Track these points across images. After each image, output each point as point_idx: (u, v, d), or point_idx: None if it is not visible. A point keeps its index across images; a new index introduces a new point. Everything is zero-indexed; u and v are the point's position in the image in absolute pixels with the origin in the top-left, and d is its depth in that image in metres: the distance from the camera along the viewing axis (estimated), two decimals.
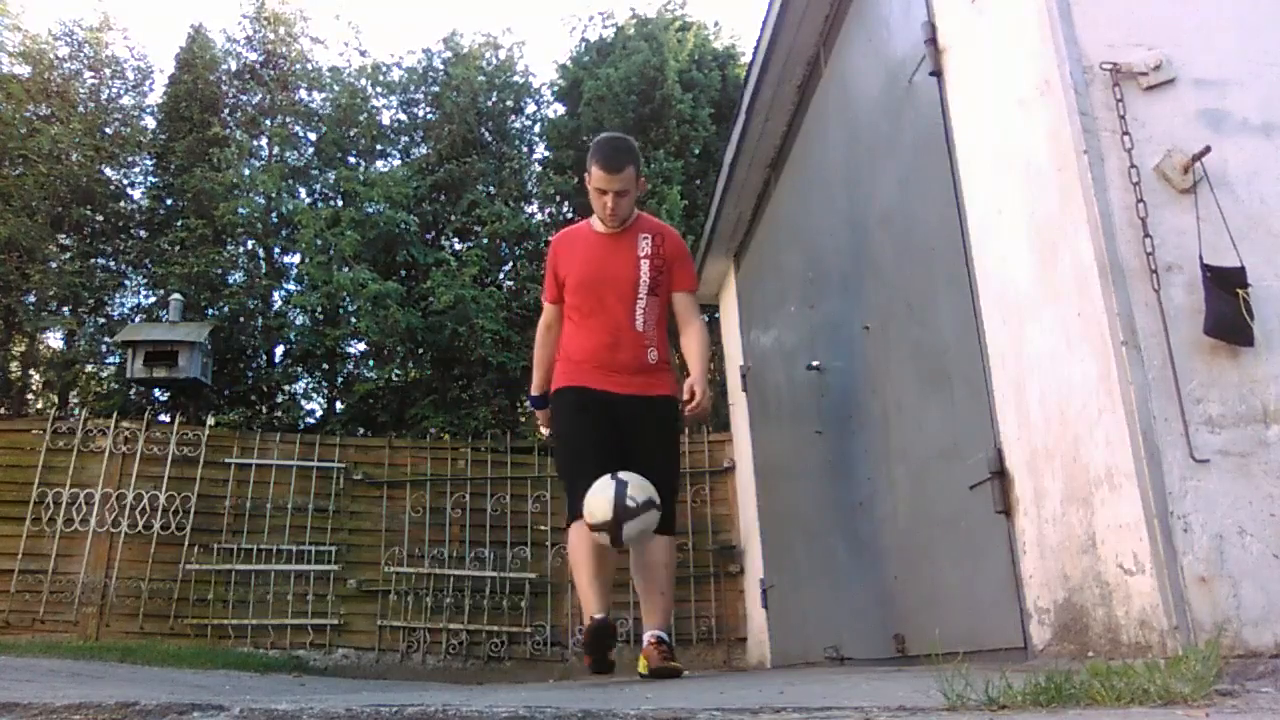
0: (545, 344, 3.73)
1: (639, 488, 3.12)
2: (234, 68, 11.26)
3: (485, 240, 10.23)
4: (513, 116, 11.60)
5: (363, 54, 15.32)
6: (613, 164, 3.45)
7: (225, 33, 12.09)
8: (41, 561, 6.13)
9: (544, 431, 3.80)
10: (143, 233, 10.76)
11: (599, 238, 3.59)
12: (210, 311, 9.71)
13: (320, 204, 10.71)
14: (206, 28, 11.30)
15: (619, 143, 3.57)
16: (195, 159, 10.18)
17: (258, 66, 11.19)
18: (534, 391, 3.78)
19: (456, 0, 21.99)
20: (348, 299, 9.59)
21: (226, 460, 6.54)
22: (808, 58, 4.34)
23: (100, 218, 10.64)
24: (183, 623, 6.14)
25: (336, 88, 11.13)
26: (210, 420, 6.89)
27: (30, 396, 10.94)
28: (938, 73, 2.83)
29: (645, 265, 3.50)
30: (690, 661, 6.26)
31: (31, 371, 11.00)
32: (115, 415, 6.76)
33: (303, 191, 10.96)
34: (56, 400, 10.33)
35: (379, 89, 11.45)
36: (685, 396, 3.42)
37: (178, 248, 9.99)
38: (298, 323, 10.26)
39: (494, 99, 11.22)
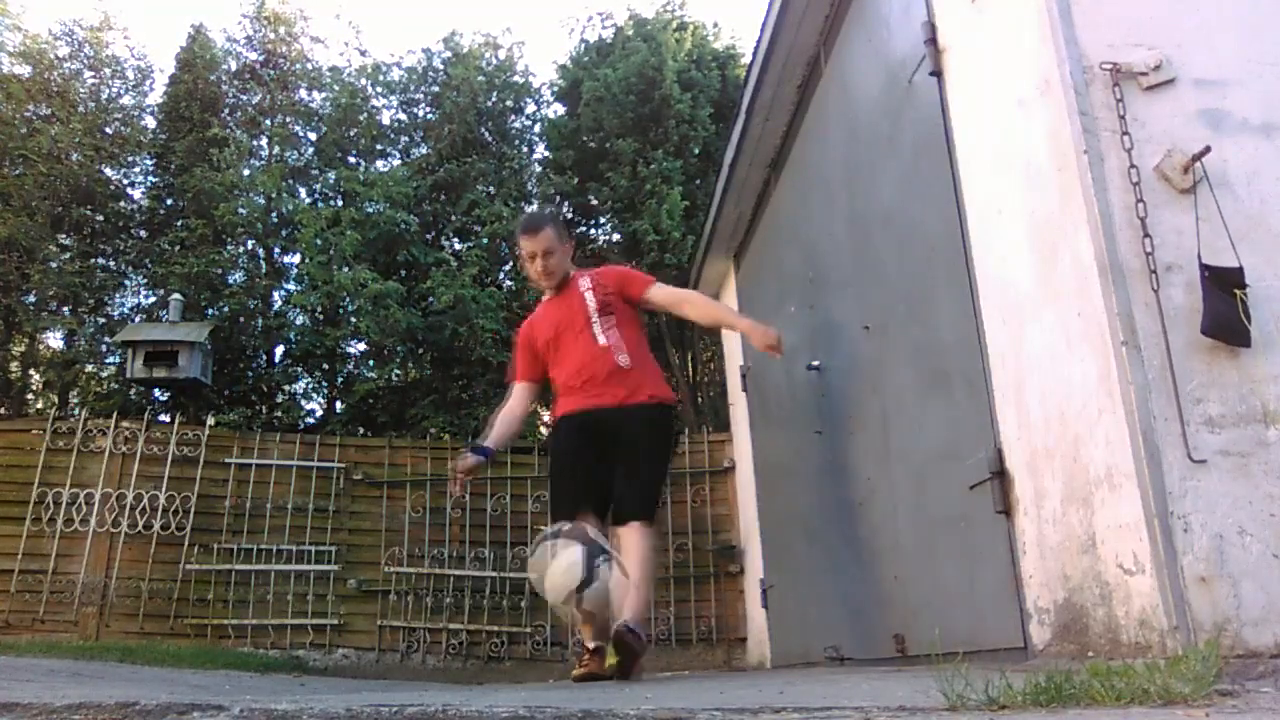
0: (506, 424, 3.87)
1: (573, 546, 3.16)
2: (234, 67, 11.26)
3: (485, 240, 10.24)
4: (512, 116, 11.61)
5: (363, 54, 15.32)
6: (529, 227, 3.79)
7: (225, 32, 12.12)
8: (41, 561, 6.13)
9: (455, 487, 3.83)
10: (143, 233, 10.76)
11: (550, 303, 3.87)
12: (210, 311, 9.72)
13: (320, 204, 10.71)
14: (207, 27, 11.31)
15: (534, 212, 3.95)
16: (195, 159, 10.18)
17: (258, 66, 11.19)
18: (485, 442, 3.86)
19: (456, 0, 22.00)
20: (348, 299, 9.60)
21: (226, 460, 6.54)
22: (808, 58, 4.34)
23: (100, 218, 10.63)
24: (183, 623, 6.14)
25: (336, 87, 11.14)
26: (210, 420, 6.89)
27: (30, 396, 10.95)
28: (938, 73, 2.83)
29: (590, 296, 3.74)
30: (690, 661, 6.27)
31: (31, 371, 11.00)
32: (115, 415, 6.76)
33: (303, 191, 10.97)
34: (56, 400, 10.34)
35: (379, 89, 11.45)
36: (757, 344, 3.59)
37: (178, 248, 10.00)
38: (298, 323, 10.26)
39: (494, 99, 11.23)
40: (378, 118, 11.33)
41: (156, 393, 9.39)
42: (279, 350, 10.53)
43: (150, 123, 11.26)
